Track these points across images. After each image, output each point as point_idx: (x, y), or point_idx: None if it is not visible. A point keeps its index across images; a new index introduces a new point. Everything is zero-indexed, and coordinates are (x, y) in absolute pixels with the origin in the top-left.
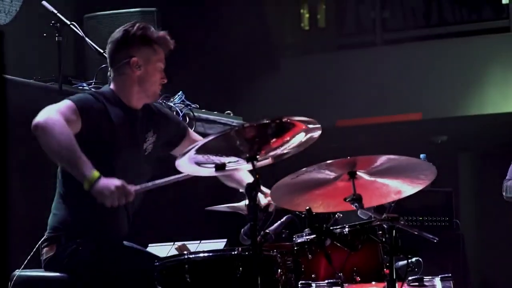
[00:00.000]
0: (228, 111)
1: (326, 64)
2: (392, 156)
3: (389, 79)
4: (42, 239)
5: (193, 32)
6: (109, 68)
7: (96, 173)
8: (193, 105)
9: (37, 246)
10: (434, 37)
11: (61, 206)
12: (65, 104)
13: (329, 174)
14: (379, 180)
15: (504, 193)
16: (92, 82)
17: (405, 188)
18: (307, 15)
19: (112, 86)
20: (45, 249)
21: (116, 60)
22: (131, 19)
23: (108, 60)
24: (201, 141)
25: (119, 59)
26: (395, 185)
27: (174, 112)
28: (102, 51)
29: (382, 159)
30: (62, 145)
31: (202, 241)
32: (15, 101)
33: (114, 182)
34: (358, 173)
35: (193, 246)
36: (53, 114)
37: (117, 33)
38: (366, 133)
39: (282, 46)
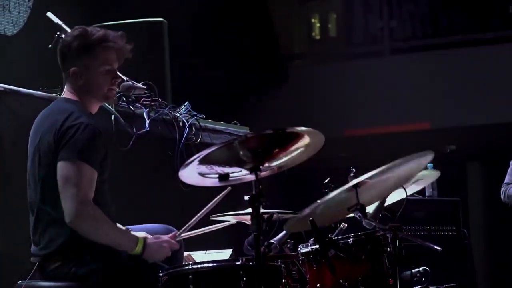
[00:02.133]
0: (235, 121)
1: (334, 73)
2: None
3: (398, 88)
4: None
5: (201, 41)
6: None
7: (140, 240)
8: (199, 115)
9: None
10: (442, 47)
11: (59, 228)
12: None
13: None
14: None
15: (502, 196)
16: None
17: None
18: (318, 25)
19: (71, 96)
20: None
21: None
22: (138, 29)
23: None
24: (204, 151)
25: (65, 69)
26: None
27: (180, 123)
28: None
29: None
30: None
31: (207, 251)
32: (20, 112)
33: (162, 240)
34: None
35: (198, 255)
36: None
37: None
38: (374, 142)
39: (292, 56)
